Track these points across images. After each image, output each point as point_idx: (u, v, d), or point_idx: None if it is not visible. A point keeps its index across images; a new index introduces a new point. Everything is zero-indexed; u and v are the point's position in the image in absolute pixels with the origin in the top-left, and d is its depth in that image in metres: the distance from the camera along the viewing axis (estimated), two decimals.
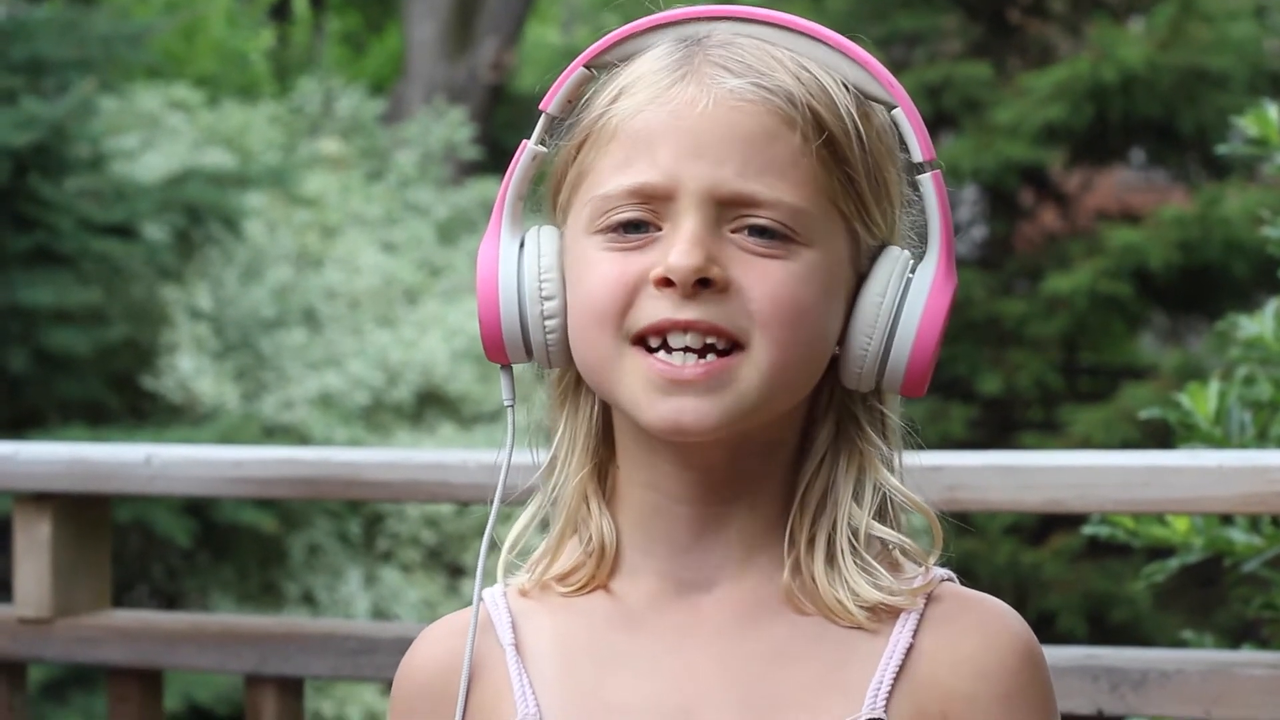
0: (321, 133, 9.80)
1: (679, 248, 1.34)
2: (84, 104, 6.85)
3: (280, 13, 15.42)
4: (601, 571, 1.43)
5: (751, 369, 1.35)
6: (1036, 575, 8.40)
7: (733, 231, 1.36)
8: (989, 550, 8.45)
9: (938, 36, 9.89)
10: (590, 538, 1.43)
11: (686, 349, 1.35)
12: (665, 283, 1.34)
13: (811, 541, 1.39)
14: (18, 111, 6.63)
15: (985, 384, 9.08)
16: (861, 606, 1.37)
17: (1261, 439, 2.69)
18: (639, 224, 1.37)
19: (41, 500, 2.89)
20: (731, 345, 1.35)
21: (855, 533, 1.39)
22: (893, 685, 1.36)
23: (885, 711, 1.36)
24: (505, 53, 11.83)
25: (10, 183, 6.56)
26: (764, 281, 1.35)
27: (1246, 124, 2.92)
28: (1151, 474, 2.35)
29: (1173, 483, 2.34)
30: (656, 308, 1.35)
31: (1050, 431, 8.81)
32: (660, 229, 1.36)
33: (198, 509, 6.38)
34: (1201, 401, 2.68)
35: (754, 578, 1.40)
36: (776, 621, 1.39)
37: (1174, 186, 10.44)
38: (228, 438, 6.29)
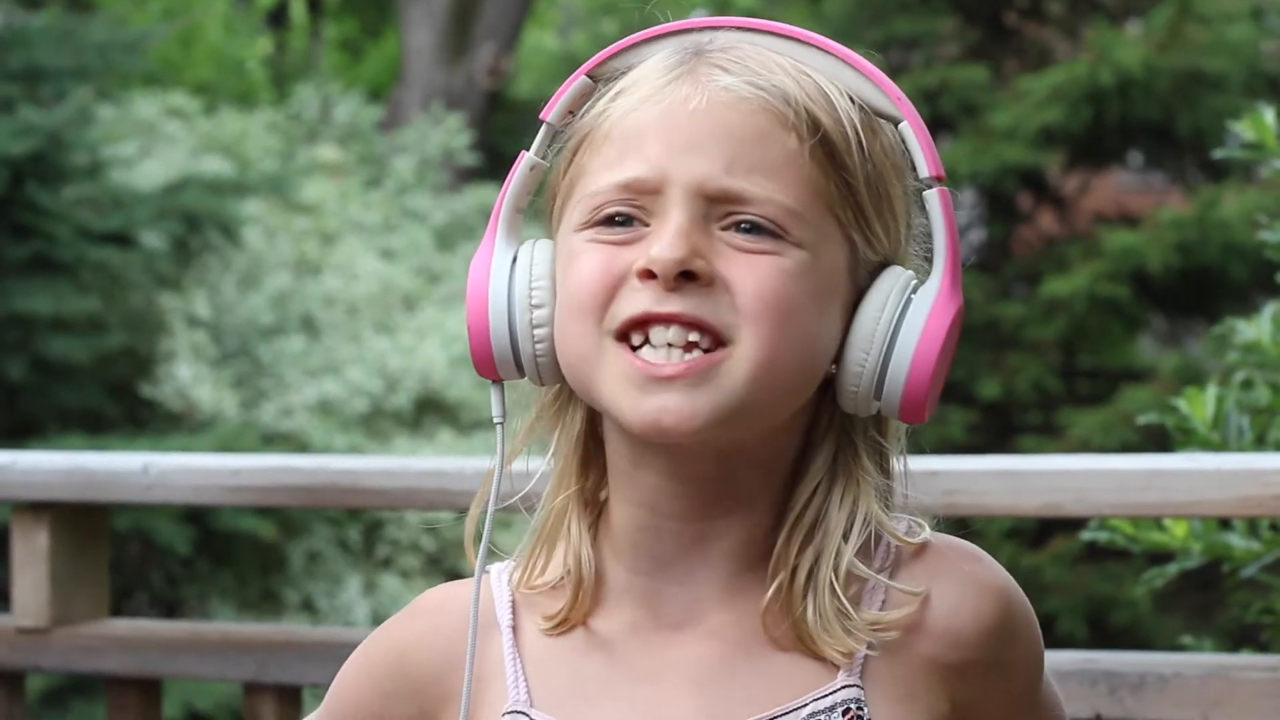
0: (319, 139, 9.81)
1: (663, 240, 1.32)
2: (81, 112, 6.85)
3: (277, 19, 15.42)
4: (579, 609, 1.40)
5: (737, 367, 1.31)
6: (1036, 579, 8.39)
7: (722, 229, 1.33)
8: (988, 553, 8.44)
9: (935, 40, 9.89)
10: (568, 563, 1.40)
11: (669, 345, 1.32)
12: (648, 275, 1.32)
13: (794, 570, 1.36)
14: (15, 120, 6.63)
15: (984, 388, 9.07)
16: (839, 652, 1.35)
17: (1259, 443, 2.68)
18: (626, 218, 1.35)
19: (39, 509, 2.89)
20: (716, 343, 1.32)
21: (837, 570, 1.36)
22: (865, 656, 1.36)
23: (861, 678, 1.35)
24: (503, 58, 11.82)
25: (8, 191, 6.56)
26: (751, 276, 1.32)
27: (1243, 128, 2.91)
28: (1149, 477, 2.35)
29: (1171, 486, 2.33)
30: (638, 300, 1.32)
31: (1049, 435, 8.81)
32: (648, 225, 1.34)
33: (197, 517, 6.38)
34: (1199, 406, 2.68)
35: (737, 609, 1.38)
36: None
37: (1171, 189, 10.44)
38: (226, 445, 6.29)
